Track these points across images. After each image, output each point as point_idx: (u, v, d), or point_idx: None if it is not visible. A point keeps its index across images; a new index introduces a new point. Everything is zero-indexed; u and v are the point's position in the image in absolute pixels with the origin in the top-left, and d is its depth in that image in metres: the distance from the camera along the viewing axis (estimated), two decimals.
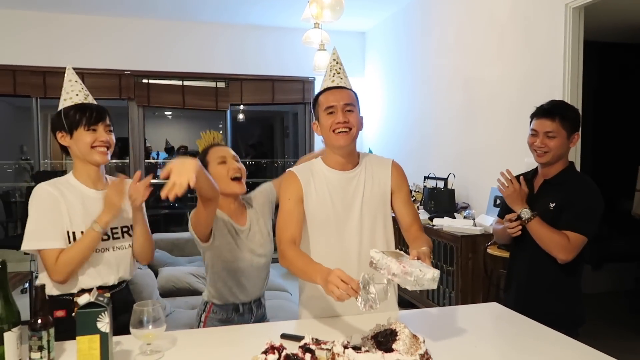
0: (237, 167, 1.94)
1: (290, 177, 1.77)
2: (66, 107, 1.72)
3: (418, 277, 1.36)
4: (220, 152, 1.98)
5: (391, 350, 1.27)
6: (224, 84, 5.87)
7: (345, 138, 1.70)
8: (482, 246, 3.52)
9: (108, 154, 1.74)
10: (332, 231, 1.73)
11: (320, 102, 1.74)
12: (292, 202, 1.73)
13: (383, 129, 5.85)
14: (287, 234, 1.69)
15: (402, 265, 1.39)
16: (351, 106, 1.70)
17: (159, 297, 3.15)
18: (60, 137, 1.73)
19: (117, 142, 1.79)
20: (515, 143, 3.58)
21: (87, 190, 1.75)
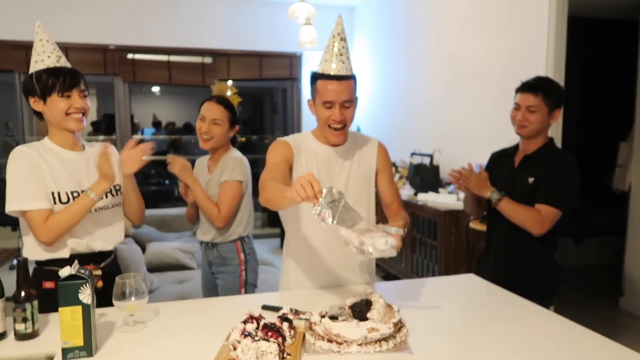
0: (206, 130, 2.19)
1: (282, 143, 1.76)
2: (38, 70, 1.67)
3: (370, 244, 1.38)
4: (207, 110, 2.21)
5: (366, 319, 1.32)
6: (210, 59, 5.81)
7: (339, 136, 1.72)
8: (464, 221, 3.58)
9: (84, 120, 1.72)
10: None
11: (319, 90, 1.67)
12: (280, 158, 1.71)
13: (371, 105, 5.85)
14: (268, 177, 1.62)
15: (360, 237, 1.40)
16: (349, 102, 1.68)
17: (146, 272, 3.18)
18: (33, 102, 1.69)
19: (104, 118, 1.78)
20: (500, 119, 3.61)
21: (65, 153, 1.73)
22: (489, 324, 1.48)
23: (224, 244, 2.26)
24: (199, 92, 8.91)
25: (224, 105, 2.22)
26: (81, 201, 1.64)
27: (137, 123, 9.53)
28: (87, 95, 1.74)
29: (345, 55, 1.67)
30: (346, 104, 1.67)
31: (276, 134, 9.03)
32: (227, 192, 2.17)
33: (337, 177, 1.78)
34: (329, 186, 1.33)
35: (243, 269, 2.27)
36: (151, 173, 8.58)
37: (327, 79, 1.65)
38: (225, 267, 2.27)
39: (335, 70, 1.65)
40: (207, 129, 2.19)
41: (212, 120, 2.18)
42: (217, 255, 2.27)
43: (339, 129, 1.70)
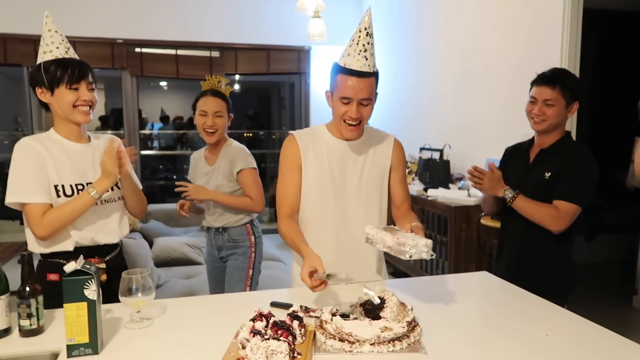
0: (211, 125, 2.30)
1: (290, 142, 1.76)
2: (46, 61, 1.65)
3: (411, 246, 1.39)
4: (207, 104, 2.31)
5: (379, 317, 1.28)
6: (218, 53, 5.77)
7: (354, 131, 1.69)
8: (475, 217, 3.53)
9: (90, 113, 1.70)
10: (330, 200, 1.73)
11: (338, 84, 1.62)
12: (290, 172, 1.73)
13: (379, 99, 5.76)
14: (285, 207, 1.73)
15: (396, 237, 1.43)
16: (368, 100, 1.63)
17: (153, 267, 3.16)
18: (40, 93, 1.67)
19: (112, 112, 1.77)
20: (512, 114, 3.55)
21: (71, 145, 1.71)
22: (504, 323, 1.44)
23: (235, 227, 2.41)
24: None
25: (221, 98, 2.35)
26: (81, 198, 1.62)
27: (145, 118, 9.53)
28: (94, 88, 1.71)
29: (369, 52, 1.61)
30: (364, 102, 1.63)
31: (283, 129, 9.00)
32: (249, 178, 2.35)
33: (350, 172, 1.74)
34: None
35: (253, 250, 2.42)
36: (159, 168, 8.58)
37: (348, 74, 1.59)
38: (236, 249, 2.41)
39: (357, 66, 1.59)
40: (212, 122, 2.31)
41: (215, 114, 2.31)
42: (228, 239, 2.41)
43: (355, 125, 1.65)
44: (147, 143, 9.05)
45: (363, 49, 1.60)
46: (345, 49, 1.63)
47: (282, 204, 1.73)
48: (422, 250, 1.39)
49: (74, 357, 1.20)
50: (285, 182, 1.74)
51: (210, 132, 2.32)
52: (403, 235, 1.44)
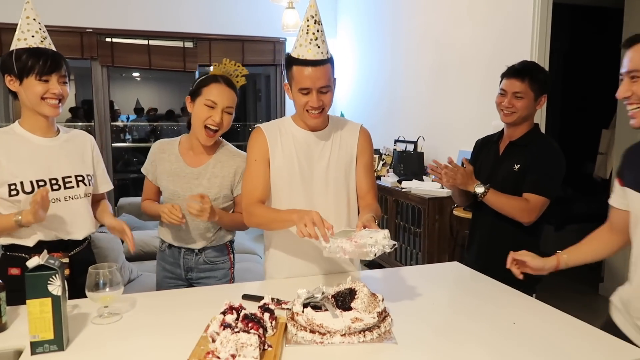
0: (218, 121, 1.81)
1: (257, 134, 1.75)
2: (19, 48, 1.60)
3: (372, 244, 1.36)
4: (219, 94, 1.81)
5: (350, 308, 1.28)
6: (191, 43, 5.67)
7: (318, 119, 1.68)
8: (448, 208, 3.57)
9: (60, 107, 1.65)
10: (298, 193, 1.72)
11: (295, 76, 1.60)
12: (258, 162, 1.72)
13: (354, 91, 5.79)
14: (253, 196, 1.70)
15: (354, 241, 1.38)
16: (327, 87, 1.62)
17: (125, 262, 3.11)
18: (8, 81, 1.62)
19: (83, 104, 1.72)
20: (484, 107, 3.59)
21: (35, 139, 1.66)
22: (474, 312, 1.46)
23: (215, 247, 1.96)
24: (180, 77, 8.73)
25: (234, 90, 1.87)
26: (4, 220, 1.56)
27: (118, 110, 9.36)
28: (67, 82, 1.66)
29: (320, 39, 1.60)
30: (323, 89, 1.62)
31: (260, 121, 8.95)
32: None
33: (317, 162, 1.74)
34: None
35: (232, 271, 2.03)
36: (132, 161, 8.43)
37: (303, 65, 1.58)
38: (213, 272, 1.97)
39: (311, 55, 1.58)
40: (220, 119, 1.81)
41: (226, 109, 1.83)
42: (204, 260, 1.96)
43: (318, 113, 1.66)
44: (120, 135, 8.89)
45: (314, 37, 1.59)
46: (297, 39, 1.62)
47: (251, 195, 1.71)
48: (383, 245, 1.36)
49: (39, 354, 1.17)
50: (254, 172, 1.72)
51: (214, 129, 1.83)
52: (360, 236, 1.40)
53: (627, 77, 1.32)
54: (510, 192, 1.96)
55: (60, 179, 1.66)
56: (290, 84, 1.66)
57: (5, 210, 1.61)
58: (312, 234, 1.37)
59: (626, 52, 1.33)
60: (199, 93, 1.83)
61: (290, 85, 1.66)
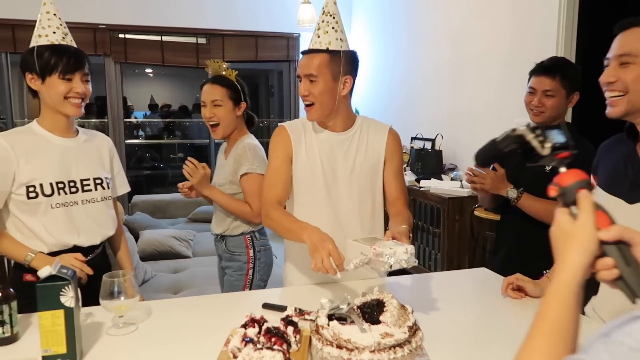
0: (209, 116, 2.06)
1: (281, 132, 1.68)
2: (40, 45, 1.54)
3: (389, 255, 1.28)
4: (204, 93, 2.09)
5: (378, 322, 1.20)
6: (205, 39, 5.62)
7: (310, 113, 1.62)
8: (469, 208, 3.47)
9: (82, 106, 1.60)
10: (321, 196, 1.65)
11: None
12: (280, 160, 1.64)
13: (369, 88, 5.69)
14: (272, 194, 1.62)
15: (373, 248, 1.31)
16: (314, 77, 1.56)
17: (139, 262, 3.06)
18: (29, 79, 1.56)
19: (96, 100, 1.69)
20: (506, 102, 3.48)
21: (54, 139, 1.60)
22: (509, 325, 1.37)
23: (232, 237, 2.11)
24: (193, 73, 8.70)
25: (221, 84, 2.07)
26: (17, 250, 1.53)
27: (131, 106, 9.35)
28: (89, 80, 1.61)
29: (323, 29, 1.58)
30: (311, 78, 1.57)
31: (272, 117, 8.88)
32: (252, 185, 2.01)
33: (341, 164, 1.66)
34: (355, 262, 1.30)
35: (251, 267, 2.10)
36: (145, 157, 8.42)
37: (303, 54, 1.60)
38: (232, 262, 2.12)
39: (310, 45, 1.59)
40: (210, 113, 2.06)
41: (212, 103, 2.05)
42: (224, 249, 2.13)
43: (308, 105, 1.60)
44: (133, 132, 8.88)
45: (317, 27, 1.60)
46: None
47: (269, 192, 1.63)
48: (402, 259, 1.28)
49: None
50: (275, 169, 1.64)
51: (212, 124, 2.07)
52: (382, 245, 1.33)
53: (614, 61, 1.23)
54: (541, 195, 1.87)
55: (78, 182, 1.61)
56: None
57: (22, 213, 1.54)
58: (328, 269, 1.29)
59: (619, 35, 1.24)
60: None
61: None
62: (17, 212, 1.55)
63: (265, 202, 1.61)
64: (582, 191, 0.81)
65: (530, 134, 0.99)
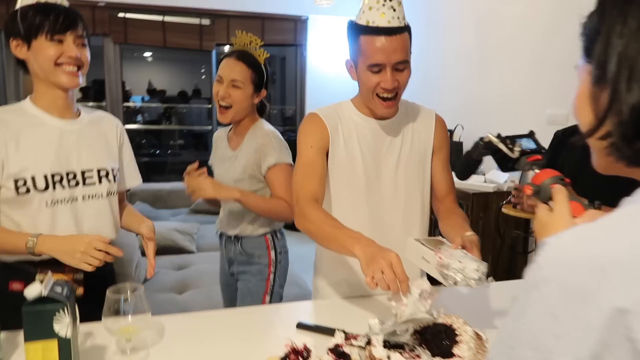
0: (223, 95, 1.73)
1: (314, 120, 1.40)
2: (25, 5, 1.29)
3: (458, 270, 1.09)
4: (224, 68, 1.76)
5: (450, 354, 0.97)
6: (209, 20, 5.33)
7: (391, 108, 1.35)
8: (494, 205, 3.24)
9: (79, 75, 1.33)
10: (360, 193, 1.41)
11: (363, 49, 1.27)
12: (314, 150, 1.38)
13: None
14: (307, 190, 1.34)
15: (438, 256, 1.12)
16: (404, 63, 1.29)
17: (140, 258, 2.82)
18: (14, 47, 1.30)
19: (93, 84, 1.42)
20: (536, 91, 3.24)
21: (51, 120, 1.33)
22: None
23: (250, 238, 1.79)
24: (193, 57, 8.40)
25: (247, 63, 1.73)
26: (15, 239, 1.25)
27: (129, 90, 9.05)
28: (86, 45, 1.34)
29: (396, 0, 1.27)
30: (400, 66, 1.29)
31: (272, 106, 8.59)
32: (284, 177, 1.71)
33: (385, 158, 1.41)
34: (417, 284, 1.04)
35: (272, 271, 1.80)
36: (142, 143, 8.15)
37: (375, 34, 1.25)
38: (250, 267, 1.81)
39: (385, 21, 1.24)
40: (225, 92, 1.71)
41: (231, 82, 1.71)
42: (240, 252, 1.81)
43: (390, 99, 1.32)
44: (132, 117, 8.60)
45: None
46: (363, 2, 1.28)
47: (304, 186, 1.34)
48: (470, 277, 1.08)
49: None
50: (309, 160, 1.37)
51: (223, 105, 1.73)
52: (449, 254, 1.13)
53: None
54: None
55: (79, 173, 1.35)
56: (355, 60, 1.33)
57: (12, 210, 1.29)
58: (390, 283, 1.03)
59: None
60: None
61: (356, 62, 1.33)
62: (7, 208, 1.30)
63: (300, 198, 1.34)
64: (555, 186, 0.84)
65: (496, 140, 1.12)
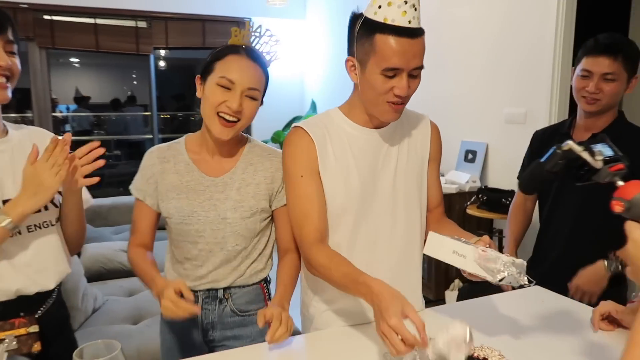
0: (236, 108, 1.24)
1: (299, 137, 1.25)
2: None
3: (506, 264, 1.02)
4: (238, 70, 1.26)
5: None
6: (145, 23, 5.01)
7: (398, 112, 1.21)
8: (457, 206, 3.22)
9: (8, 88, 1.12)
10: (356, 211, 1.26)
11: (378, 50, 1.12)
12: (306, 180, 1.23)
13: (328, 76, 5.32)
14: (310, 229, 1.20)
15: (481, 249, 1.05)
16: (419, 69, 1.17)
17: (86, 286, 2.52)
18: None
19: (16, 92, 1.17)
20: (492, 91, 3.24)
21: None
22: None
23: (245, 288, 1.38)
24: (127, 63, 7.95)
25: (263, 66, 1.33)
26: None
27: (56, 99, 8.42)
28: (15, 53, 1.13)
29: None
30: (414, 72, 1.16)
31: None
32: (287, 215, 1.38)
33: (382, 170, 1.28)
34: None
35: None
36: None
37: (396, 35, 1.10)
38: (244, 329, 1.38)
39: (405, 21, 1.11)
40: (239, 105, 1.25)
41: (247, 92, 1.27)
42: (232, 310, 1.37)
43: (401, 104, 1.19)
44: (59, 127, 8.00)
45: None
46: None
47: (303, 227, 1.22)
48: (517, 279, 1.02)
49: None
50: (303, 193, 1.23)
51: (231, 120, 1.27)
52: (490, 250, 1.06)
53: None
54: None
55: None
56: (363, 60, 1.17)
57: None
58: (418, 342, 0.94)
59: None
60: (211, 69, 1.28)
61: (364, 62, 1.17)
62: None
63: (303, 241, 1.21)
64: None
65: (579, 148, 0.97)
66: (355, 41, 1.18)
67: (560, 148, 0.99)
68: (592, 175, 0.96)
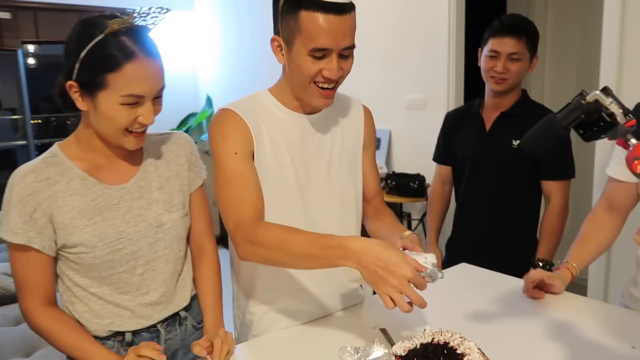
0: (151, 120, 1.06)
1: (232, 118, 1.12)
2: None
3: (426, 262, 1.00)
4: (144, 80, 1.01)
5: None
6: (9, 14, 4.45)
7: (329, 98, 1.13)
8: None
9: None
10: (290, 202, 1.18)
11: (304, 28, 1.02)
12: (240, 157, 1.10)
13: (223, 70, 5.13)
14: (247, 209, 1.07)
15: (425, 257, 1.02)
16: (351, 49, 1.08)
17: None
18: None
19: None
20: (393, 78, 3.31)
21: None
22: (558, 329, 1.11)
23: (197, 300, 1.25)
24: None
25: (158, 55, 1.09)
26: None
27: None
28: None
29: None
30: (345, 52, 1.08)
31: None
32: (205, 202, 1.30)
33: (315, 159, 1.21)
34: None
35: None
36: None
37: (322, 11, 1.01)
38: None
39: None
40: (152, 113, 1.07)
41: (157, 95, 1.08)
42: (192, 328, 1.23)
43: (331, 89, 1.12)
44: None
45: None
46: None
47: (242, 207, 1.07)
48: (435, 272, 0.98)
49: None
50: (238, 171, 1.09)
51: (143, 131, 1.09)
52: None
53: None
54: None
55: None
56: (289, 39, 1.07)
57: None
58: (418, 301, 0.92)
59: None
60: (100, 85, 0.99)
61: (290, 42, 1.07)
62: None
63: (240, 221, 1.05)
64: None
65: (609, 100, 0.85)
66: (280, 18, 1.08)
67: (585, 99, 0.85)
68: (606, 131, 0.85)
